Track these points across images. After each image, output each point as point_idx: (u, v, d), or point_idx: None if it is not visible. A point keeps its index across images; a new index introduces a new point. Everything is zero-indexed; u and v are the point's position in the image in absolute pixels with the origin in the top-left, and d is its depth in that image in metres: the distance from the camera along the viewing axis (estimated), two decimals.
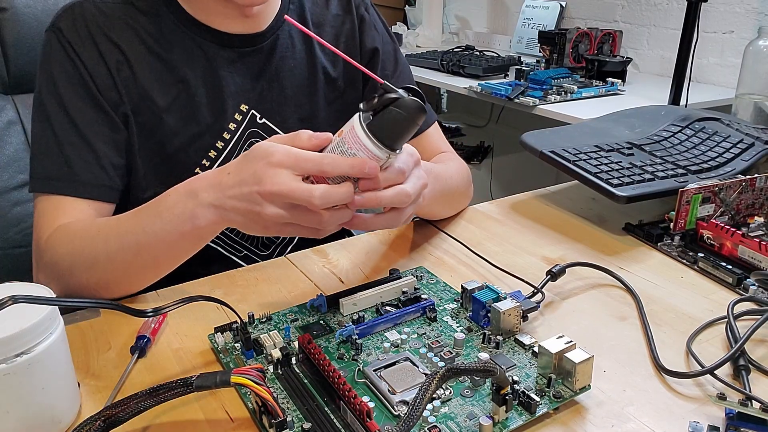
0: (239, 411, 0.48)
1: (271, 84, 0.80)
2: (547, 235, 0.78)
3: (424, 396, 0.40)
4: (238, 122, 0.78)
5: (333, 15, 0.86)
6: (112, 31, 0.73)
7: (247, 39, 0.78)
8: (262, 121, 0.80)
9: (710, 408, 0.48)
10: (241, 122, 0.78)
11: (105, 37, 0.72)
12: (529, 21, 2.26)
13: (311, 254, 0.75)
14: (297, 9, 0.83)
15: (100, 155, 0.71)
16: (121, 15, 0.74)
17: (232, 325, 0.55)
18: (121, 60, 0.73)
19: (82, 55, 0.71)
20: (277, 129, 0.81)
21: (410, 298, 0.60)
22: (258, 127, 0.79)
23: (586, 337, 0.57)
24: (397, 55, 0.91)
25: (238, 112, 0.78)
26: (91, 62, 0.71)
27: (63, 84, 0.71)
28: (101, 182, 0.71)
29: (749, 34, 1.65)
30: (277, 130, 0.80)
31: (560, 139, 0.89)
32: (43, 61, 0.73)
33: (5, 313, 0.41)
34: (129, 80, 0.73)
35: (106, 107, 0.72)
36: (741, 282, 0.65)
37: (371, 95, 0.53)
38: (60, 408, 0.46)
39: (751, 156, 0.86)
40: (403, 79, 0.90)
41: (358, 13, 0.87)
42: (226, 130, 0.77)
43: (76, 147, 0.70)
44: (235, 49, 0.77)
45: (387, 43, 0.89)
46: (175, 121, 0.75)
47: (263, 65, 0.79)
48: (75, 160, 0.70)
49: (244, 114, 0.78)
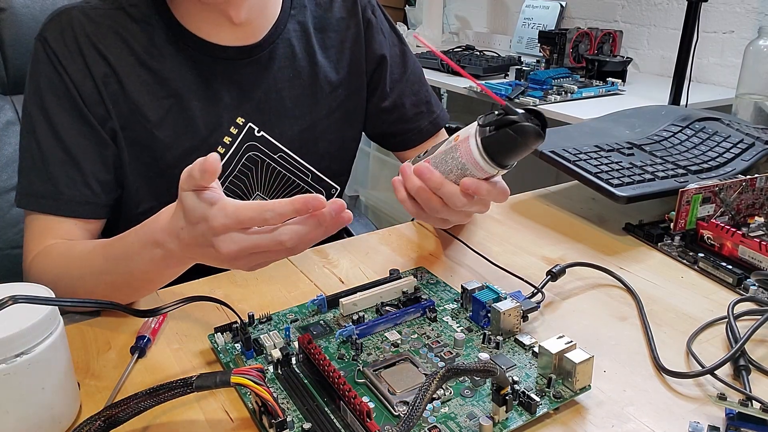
0: (239, 411, 0.48)
1: (269, 96, 0.78)
2: (547, 235, 0.78)
3: (424, 396, 0.40)
4: (234, 135, 0.76)
5: (337, 19, 0.83)
6: (101, 41, 0.71)
7: (243, 51, 0.75)
8: (260, 134, 0.78)
9: (710, 408, 0.48)
10: (237, 135, 0.76)
11: (93, 49, 0.70)
12: (529, 21, 2.26)
13: (311, 254, 0.74)
14: (298, 14, 0.80)
15: (86, 172, 0.70)
16: (112, 24, 0.72)
17: (232, 325, 0.55)
18: (108, 73, 0.71)
19: (69, 67, 0.70)
20: (276, 142, 0.79)
21: (410, 298, 0.60)
22: (256, 140, 0.78)
23: (586, 338, 0.57)
24: (405, 58, 0.89)
25: (234, 125, 0.76)
26: (77, 75, 0.70)
27: (49, 97, 0.70)
28: (87, 200, 0.70)
29: (749, 34, 1.65)
30: (276, 144, 0.79)
31: (560, 139, 0.89)
32: (31, 72, 0.72)
33: (5, 313, 0.41)
34: (117, 94, 0.71)
35: (93, 122, 0.70)
36: (741, 282, 0.65)
37: (491, 111, 0.52)
38: (60, 408, 0.46)
39: (751, 156, 0.86)
40: (412, 80, 0.89)
41: (365, 17, 0.84)
42: (220, 144, 0.76)
43: (62, 164, 0.69)
44: (229, 61, 0.75)
45: (394, 46, 0.88)
46: (168, 135, 0.73)
47: (260, 77, 0.77)
48: (60, 177, 0.69)
49: (240, 127, 0.77)
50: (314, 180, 0.84)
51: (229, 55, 0.75)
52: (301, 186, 0.83)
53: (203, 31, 0.74)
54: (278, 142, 0.79)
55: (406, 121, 0.89)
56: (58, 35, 0.70)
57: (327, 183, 0.85)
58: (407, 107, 0.88)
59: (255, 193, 0.80)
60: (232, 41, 0.75)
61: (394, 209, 2.30)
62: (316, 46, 0.81)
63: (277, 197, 0.81)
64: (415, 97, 0.89)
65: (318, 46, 0.81)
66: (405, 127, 0.89)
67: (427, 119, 0.89)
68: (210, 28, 0.73)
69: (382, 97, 0.87)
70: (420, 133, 0.89)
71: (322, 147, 0.83)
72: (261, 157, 0.78)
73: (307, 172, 0.82)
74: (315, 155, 0.82)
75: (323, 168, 0.83)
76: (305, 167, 0.82)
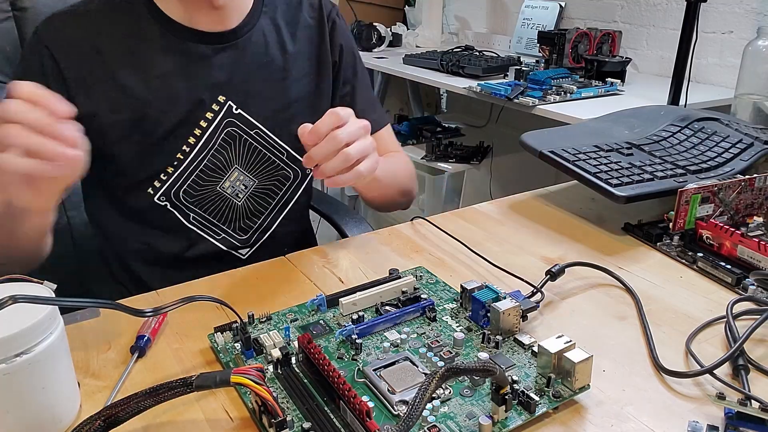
0: (239, 411, 0.48)
1: (246, 78, 0.85)
2: (546, 235, 0.78)
3: (423, 395, 0.40)
4: (216, 112, 0.84)
5: (305, 17, 0.91)
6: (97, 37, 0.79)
7: (221, 36, 0.83)
8: (238, 112, 0.85)
9: (709, 408, 0.48)
10: (218, 112, 0.84)
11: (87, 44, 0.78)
12: (528, 21, 2.26)
13: (311, 254, 0.75)
14: (270, 11, 0.88)
15: None
16: (102, 18, 0.80)
17: (232, 325, 0.55)
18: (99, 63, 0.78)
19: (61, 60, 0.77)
20: (252, 119, 0.86)
21: (410, 297, 0.60)
22: (234, 117, 0.85)
23: (585, 337, 0.57)
24: (358, 60, 0.98)
25: (216, 102, 0.84)
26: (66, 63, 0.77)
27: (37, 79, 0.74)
28: None
29: (748, 35, 1.65)
30: (252, 121, 0.86)
31: (560, 139, 0.89)
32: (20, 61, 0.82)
33: (5, 313, 0.41)
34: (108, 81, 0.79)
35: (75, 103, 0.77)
36: (740, 282, 0.65)
37: None
38: (60, 408, 0.46)
39: (750, 156, 0.86)
40: (363, 81, 0.97)
41: (330, 17, 0.93)
42: (203, 118, 0.83)
43: None
44: (209, 45, 0.83)
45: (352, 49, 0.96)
46: (156, 112, 0.81)
47: (238, 60, 0.85)
48: None
49: (221, 105, 0.84)
50: (289, 158, 0.91)
51: (209, 39, 0.83)
52: (276, 163, 0.90)
53: (182, 17, 0.81)
54: (254, 120, 0.87)
55: None
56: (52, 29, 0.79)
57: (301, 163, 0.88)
58: (357, 102, 0.95)
59: (233, 165, 0.87)
60: (209, 26, 0.82)
61: None
62: (287, 39, 0.89)
63: (255, 172, 0.89)
64: (362, 95, 0.97)
65: (288, 38, 0.89)
66: None
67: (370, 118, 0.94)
68: (189, 13, 0.81)
69: (338, 89, 0.95)
70: None
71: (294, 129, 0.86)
72: (239, 133, 0.86)
73: (283, 150, 0.90)
74: (289, 135, 0.88)
75: (297, 148, 0.89)
76: (280, 146, 0.90)
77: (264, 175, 0.90)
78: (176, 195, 0.85)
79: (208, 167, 0.85)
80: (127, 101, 0.79)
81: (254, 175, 0.89)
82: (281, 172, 0.91)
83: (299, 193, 0.95)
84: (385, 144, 0.98)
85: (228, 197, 0.88)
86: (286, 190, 0.93)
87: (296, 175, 0.92)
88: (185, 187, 0.85)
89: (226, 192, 0.87)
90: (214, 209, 0.88)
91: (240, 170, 0.87)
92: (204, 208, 0.87)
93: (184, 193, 0.85)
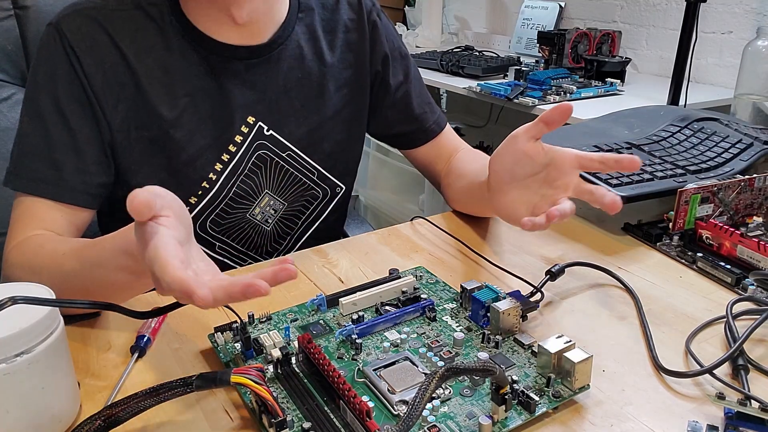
0: (239, 411, 0.48)
1: (279, 96, 0.79)
2: (546, 235, 0.78)
3: (423, 395, 0.40)
4: (245, 134, 0.77)
5: (344, 20, 0.84)
6: (122, 42, 0.71)
7: (252, 50, 0.76)
8: (269, 133, 0.79)
9: (709, 407, 0.48)
10: (247, 134, 0.77)
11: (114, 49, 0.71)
12: (528, 21, 2.26)
13: (311, 254, 0.75)
14: (306, 18, 0.81)
15: (88, 162, 0.71)
16: (132, 25, 0.72)
17: (232, 325, 0.55)
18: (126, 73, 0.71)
19: (84, 62, 0.70)
20: (285, 141, 0.80)
21: (410, 297, 0.60)
22: (265, 139, 0.79)
23: (585, 337, 0.57)
24: (408, 61, 0.91)
25: (245, 124, 0.77)
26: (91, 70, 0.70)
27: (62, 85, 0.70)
28: (86, 189, 0.71)
29: (748, 35, 1.65)
30: (284, 142, 0.80)
31: (559, 139, 0.89)
32: (40, 59, 0.71)
33: (5, 314, 0.41)
34: (134, 95, 0.72)
35: (100, 115, 0.71)
36: (740, 282, 0.65)
37: None
38: (60, 408, 0.46)
39: (749, 156, 0.86)
40: (415, 82, 0.91)
41: (370, 19, 0.86)
42: (231, 142, 0.77)
43: (67, 151, 0.70)
44: (240, 61, 0.75)
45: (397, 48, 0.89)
46: (183, 134, 0.74)
47: (270, 77, 0.78)
48: (65, 163, 0.70)
49: (251, 126, 0.77)
50: (320, 178, 0.85)
51: (240, 54, 0.75)
52: (307, 184, 0.84)
53: (212, 30, 0.74)
54: (287, 141, 0.80)
55: (412, 121, 0.91)
56: (75, 29, 0.70)
57: (332, 181, 0.86)
58: (414, 107, 0.90)
59: (264, 190, 0.81)
60: (239, 41, 0.75)
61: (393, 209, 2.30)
62: (325, 48, 0.82)
63: (286, 194, 0.83)
64: (419, 98, 0.91)
65: (326, 47, 0.82)
66: (411, 127, 0.91)
67: (431, 119, 0.92)
68: (217, 27, 0.74)
69: (387, 97, 0.89)
70: (425, 133, 0.92)
71: (327, 146, 0.84)
72: (270, 156, 0.80)
73: (314, 170, 0.84)
74: (321, 154, 0.83)
75: (329, 167, 0.85)
76: (312, 166, 0.83)
77: (293, 197, 0.84)
78: (202, 226, 0.79)
79: (237, 194, 0.79)
80: (152, 118, 0.73)
81: (284, 198, 0.83)
82: (310, 192, 0.85)
83: (327, 212, 0.89)
84: (453, 142, 0.93)
85: (258, 224, 0.83)
86: (313, 210, 0.88)
87: (325, 194, 0.87)
88: (213, 217, 0.79)
89: (255, 219, 0.82)
90: (242, 237, 0.83)
91: (270, 195, 0.82)
92: (232, 237, 0.82)
93: (212, 222, 0.80)
